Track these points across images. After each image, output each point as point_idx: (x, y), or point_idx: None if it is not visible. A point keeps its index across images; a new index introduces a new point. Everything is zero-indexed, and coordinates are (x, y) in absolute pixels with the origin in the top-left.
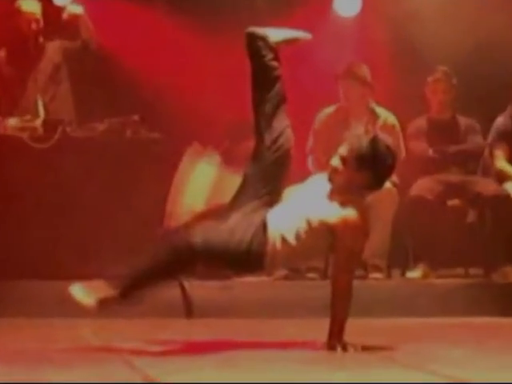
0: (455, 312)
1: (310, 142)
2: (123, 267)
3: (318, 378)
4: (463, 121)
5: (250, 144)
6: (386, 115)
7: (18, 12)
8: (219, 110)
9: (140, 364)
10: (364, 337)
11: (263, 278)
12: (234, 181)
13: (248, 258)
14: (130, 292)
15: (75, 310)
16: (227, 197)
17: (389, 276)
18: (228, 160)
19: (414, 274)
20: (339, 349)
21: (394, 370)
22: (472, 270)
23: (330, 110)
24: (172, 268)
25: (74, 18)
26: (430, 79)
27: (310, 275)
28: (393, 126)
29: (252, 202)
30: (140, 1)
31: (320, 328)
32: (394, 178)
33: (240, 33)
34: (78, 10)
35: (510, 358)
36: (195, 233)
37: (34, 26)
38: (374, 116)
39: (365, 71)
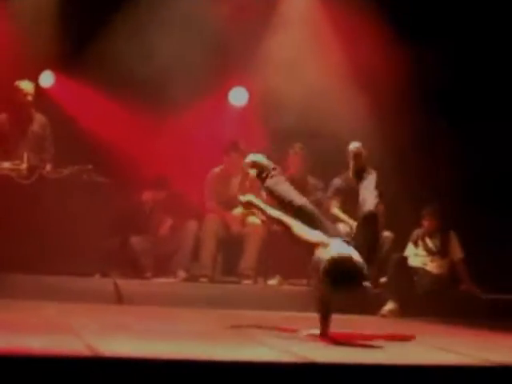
0: (300, 309)
1: (207, 192)
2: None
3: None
4: (312, 180)
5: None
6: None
7: (18, 89)
8: (147, 165)
9: (88, 337)
10: (235, 324)
11: (171, 279)
12: None
13: None
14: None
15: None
16: None
17: (255, 282)
18: None
19: (273, 281)
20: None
21: (257, 348)
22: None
23: (216, 169)
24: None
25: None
26: (290, 151)
27: (202, 279)
28: None
29: None
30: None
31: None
32: (263, 217)
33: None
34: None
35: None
36: None
37: (29, 98)
38: (246, 172)
39: (241, 144)
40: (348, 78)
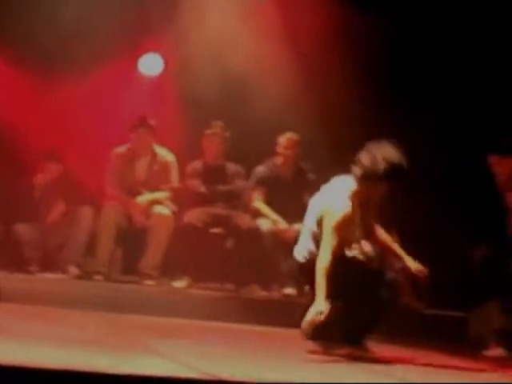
0: (209, 317)
1: (108, 176)
2: None
3: None
4: (232, 167)
5: None
6: (164, 153)
7: None
8: (36, 140)
9: None
10: (131, 331)
11: (60, 276)
12: None
13: None
14: None
15: None
16: None
17: (159, 284)
18: None
19: (180, 284)
20: None
21: (152, 360)
22: (226, 285)
23: (120, 149)
24: None
25: None
26: (207, 132)
27: (97, 277)
28: (169, 162)
29: None
30: None
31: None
32: (173, 207)
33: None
34: None
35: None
36: None
37: None
38: (155, 154)
39: (152, 121)
40: (281, 47)
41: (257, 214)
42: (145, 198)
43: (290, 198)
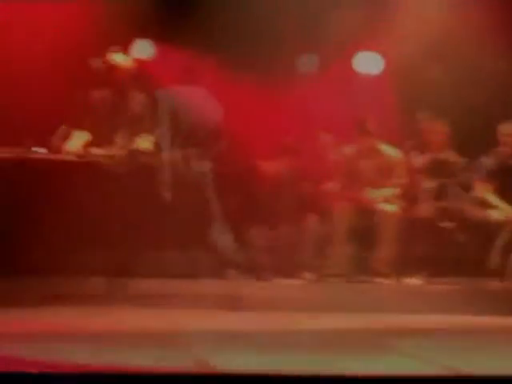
0: (447, 312)
1: (336, 175)
2: None
3: None
4: (456, 159)
5: None
6: (390, 151)
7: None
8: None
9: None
10: (372, 331)
11: (298, 281)
12: None
13: None
14: None
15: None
16: None
17: (394, 281)
18: None
19: (415, 280)
20: None
21: (399, 359)
22: (460, 279)
23: (348, 149)
24: None
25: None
26: (429, 126)
27: (333, 279)
28: (396, 159)
29: None
30: None
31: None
32: (402, 203)
33: None
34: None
35: None
36: None
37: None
38: (381, 154)
39: (372, 125)
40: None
41: (487, 205)
42: (375, 194)
43: None
